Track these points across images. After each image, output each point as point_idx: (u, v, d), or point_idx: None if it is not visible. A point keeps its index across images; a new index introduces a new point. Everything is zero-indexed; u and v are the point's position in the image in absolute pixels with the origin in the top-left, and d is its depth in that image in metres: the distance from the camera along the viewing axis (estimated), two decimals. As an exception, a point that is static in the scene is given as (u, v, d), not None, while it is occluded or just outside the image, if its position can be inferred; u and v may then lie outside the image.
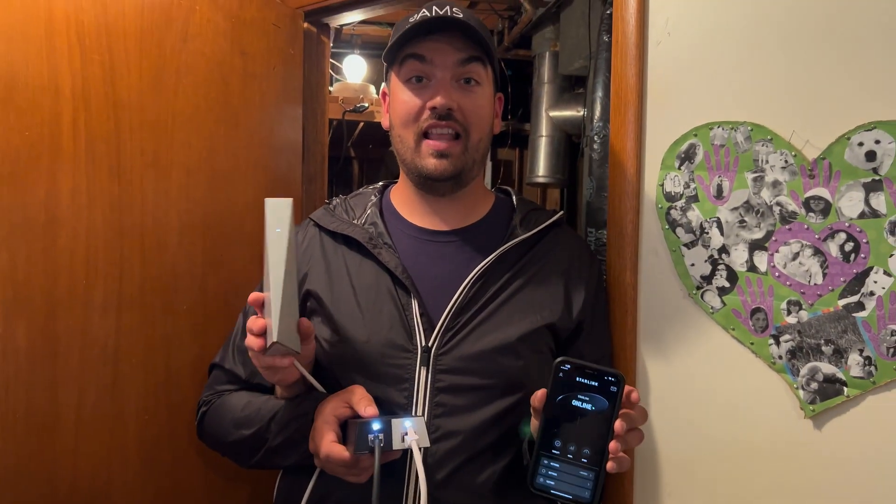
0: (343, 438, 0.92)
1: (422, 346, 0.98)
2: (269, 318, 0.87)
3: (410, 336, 0.99)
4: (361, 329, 1.01)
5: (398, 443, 0.86)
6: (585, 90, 2.00)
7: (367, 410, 0.90)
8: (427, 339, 0.98)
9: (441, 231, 1.08)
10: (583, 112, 2.25)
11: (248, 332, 0.90)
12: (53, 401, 1.15)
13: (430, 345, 0.98)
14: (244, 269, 1.44)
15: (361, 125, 2.91)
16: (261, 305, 0.90)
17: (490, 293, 1.02)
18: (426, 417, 0.96)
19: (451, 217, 1.09)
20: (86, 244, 1.18)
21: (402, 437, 0.87)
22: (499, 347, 0.99)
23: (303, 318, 0.92)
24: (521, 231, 1.06)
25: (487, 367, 0.98)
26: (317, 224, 1.12)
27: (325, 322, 1.04)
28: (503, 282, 1.03)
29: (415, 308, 1.00)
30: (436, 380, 0.97)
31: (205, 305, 1.37)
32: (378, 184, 1.19)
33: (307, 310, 1.07)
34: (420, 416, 0.92)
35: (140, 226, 1.26)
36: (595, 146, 1.37)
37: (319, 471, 0.98)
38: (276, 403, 1.01)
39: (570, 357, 0.83)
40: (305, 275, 1.07)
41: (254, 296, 0.91)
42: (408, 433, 0.87)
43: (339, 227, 1.08)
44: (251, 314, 1.07)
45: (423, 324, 0.99)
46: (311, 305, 1.06)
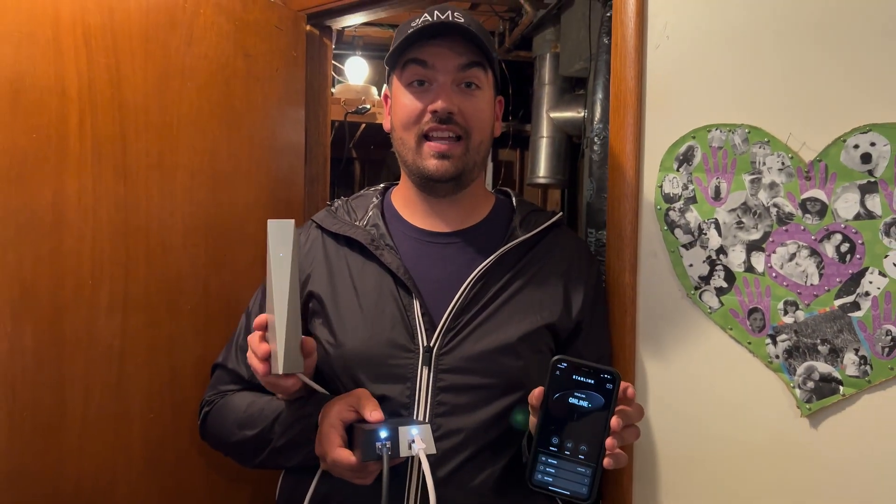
0: (349, 442, 0.92)
1: (423, 346, 0.99)
2: (273, 345, 0.88)
3: (412, 336, 1.00)
4: (363, 329, 1.02)
5: (405, 450, 0.87)
6: (586, 92, 2.01)
7: (373, 415, 0.90)
8: (429, 339, 0.99)
9: (442, 232, 1.09)
10: (583, 113, 2.25)
11: (252, 355, 0.92)
12: (59, 400, 1.16)
13: (432, 345, 0.99)
14: (247, 270, 1.45)
15: (363, 126, 2.92)
16: (264, 328, 0.92)
17: (490, 294, 1.03)
18: (427, 416, 0.97)
19: (452, 218, 1.10)
20: (92, 245, 1.19)
21: (409, 445, 0.87)
22: (499, 347, 0.99)
23: (306, 338, 0.93)
24: (521, 232, 1.07)
25: (488, 367, 0.99)
26: (319, 226, 1.13)
27: (327, 323, 1.05)
28: (503, 282, 1.04)
29: (416, 308, 1.01)
30: (437, 379, 0.98)
31: (208, 306, 1.38)
32: (379, 185, 1.20)
33: (309, 311, 1.07)
34: (426, 423, 0.92)
35: (145, 227, 1.27)
36: (595, 147, 1.38)
37: (322, 471, 0.99)
38: (280, 404, 1.02)
39: (568, 356, 0.84)
40: (308, 276, 1.08)
41: (258, 321, 0.93)
42: (415, 441, 0.88)
43: (341, 229, 1.09)
44: (254, 315, 1.08)
45: (425, 324, 1.00)
46: (314, 307, 1.07)
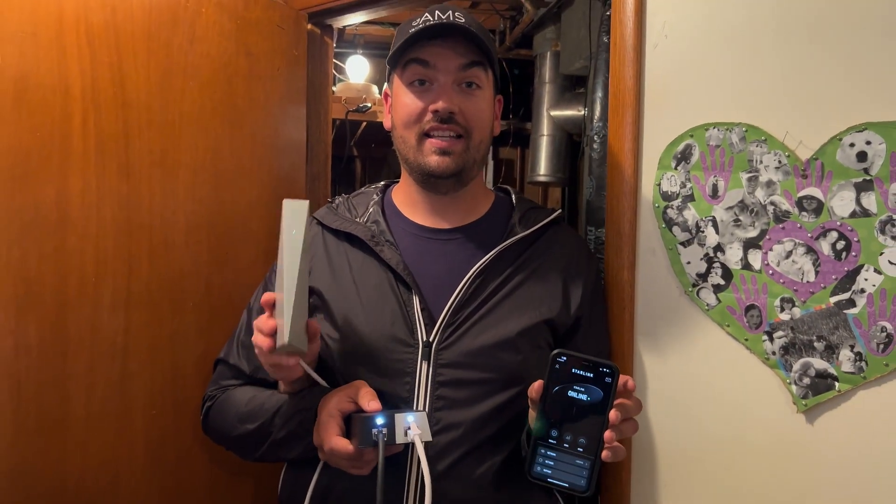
0: (347, 432, 0.94)
1: (423, 341, 1.00)
2: (280, 319, 0.89)
3: (412, 331, 1.01)
4: (364, 324, 1.03)
5: (401, 437, 0.88)
6: (586, 90, 2.01)
7: (371, 405, 0.91)
8: (428, 335, 1.00)
9: (442, 229, 1.10)
10: (583, 112, 2.26)
11: (257, 332, 0.92)
12: (63, 396, 1.17)
13: (432, 340, 1.00)
14: (249, 268, 1.46)
15: (364, 125, 2.92)
16: (271, 306, 0.93)
17: (490, 289, 1.03)
18: (427, 410, 0.98)
19: (452, 215, 1.11)
20: (95, 243, 1.20)
21: (405, 432, 0.89)
22: (499, 342, 1.00)
23: (311, 320, 0.94)
24: (521, 229, 1.08)
25: (487, 362, 1.00)
26: (320, 222, 1.14)
27: (328, 318, 1.06)
28: (503, 278, 1.05)
29: (416, 304, 1.02)
30: (437, 374, 0.99)
31: (210, 303, 1.39)
32: (380, 183, 1.21)
33: (311, 306, 1.08)
34: (422, 411, 0.94)
35: (148, 225, 1.28)
36: (595, 146, 1.38)
37: (323, 464, 1.00)
38: (280, 398, 1.03)
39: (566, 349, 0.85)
40: (309, 272, 1.09)
41: (266, 297, 0.93)
42: (410, 427, 0.89)
43: (342, 225, 1.10)
44: (256, 311, 1.10)
45: (425, 319, 1.01)
46: (314, 302, 1.08)
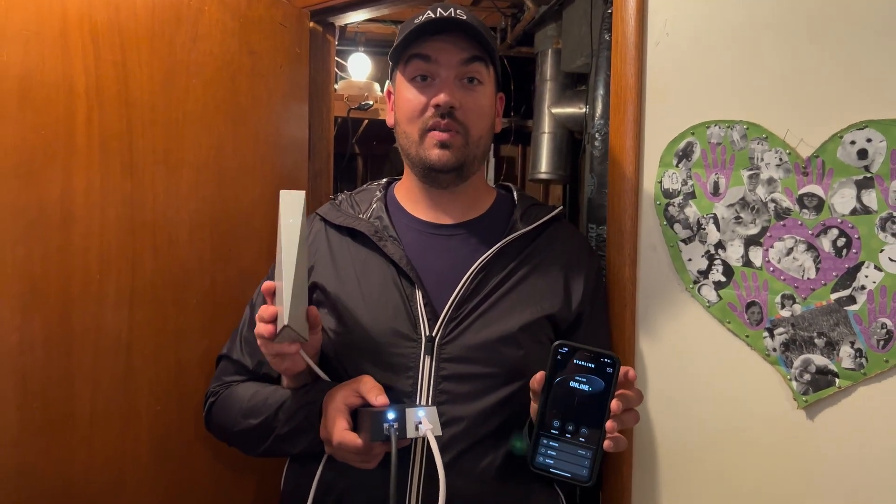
0: (354, 426, 0.94)
1: (426, 336, 1.01)
2: (280, 305, 0.90)
3: (415, 326, 1.02)
4: (367, 319, 1.03)
5: (412, 431, 0.89)
6: (587, 88, 2.02)
7: (379, 399, 0.92)
8: (431, 329, 1.01)
9: (445, 225, 1.11)
10: (585, 109, 2.26)
11: (259, 320, 0.93)
12: (69, 393, 1.18)
13: (434, 334, 1.01)
14: (252, 265, 1.46)
15: (366, 122, 2.92)
16: (272, 294, 0.93)
17: (492, 285, 1.04)
18: (430, 404, 0.98)
19: (455, 211, 1.12)
20: (99, 240, 1.21)
21: (416, 426, 0.89)
22: (501, 337, 1.01)
23: (311, 307, 0.95)
24: (522, 225, 1.09)
25: (490, 356, 1.01)
26: (323, 219, 1.15)
27: (331, 313, 1.06)
28: (505, 274, 1.05)
29: (419, 298, 1.03)
30: (439, 368, 1.00)
31: (214, 300, 1.40)
32: (382, 180, 1.21)
33: (313, 301, 1.09)
34: (432, 406, 0.94)
35: (151, 222, 1.28)
36: (596, 143, 1.39)
37: (327, 458, 1.01)
38: (284, 393, 1.04)
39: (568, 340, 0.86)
40: (312, 267, 1.10)
41: (267, 284, 0.94)
42: (421, 422, 0.89)
43: (346, 221, 1.11)
44: (258, 306, 1.10)
45: (427, 314, 1.02)
46: (318, 297, 1.09)
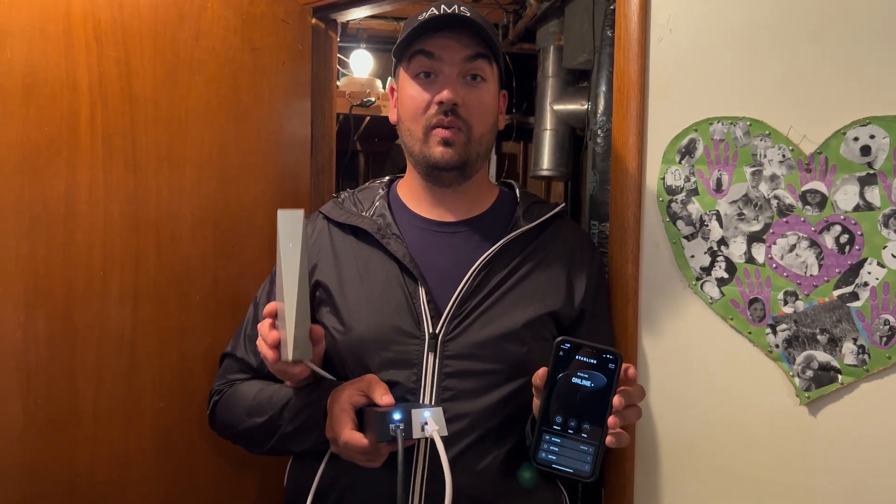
0: (359, 426, 0.94)
1: (429, 333, 1.01)
2: (283, 332, 0.90)
3: (418, 323, 1.02)
4: (370, 316, 1.03)
5: (417, 432, 0.89)
6: (589, 84, 2.02)
7: (384, 399, 0.92)
8: (434, 326, 1.01)
9: (447, 222, 1.11)
10: (587, 106, 2.26)
11: (262, 343, 0.94)
12: (72, 390, 1.18)
13: (437, 331, 1.01)
14: (254, 262, 1.46)
15: (368, 119, 2.92)
16: (275, 315, 0.94)
17: (495, 281, 1.04)
18: (433, 401, 0.99)
19: (457, 208, 1.12)
20: (103, 237, 1.21)
21: (422, 427, 0.89)
22: (504, 334, 1.01)
23: (314, 326, 0.95)
24: (524, 222, 1.09)
25: (493, 353, 1.01)
26: (326, 217, 1.15)
27: (334, 311, 1.07)
28: (508, 271, 1.05)
29: (422, 296, 1.03)
30: (443, 365, 1.00)
31: (217, 297, 1.40)
32: (384, 178, 1.22)
33: (316, 300, 1.09)
34: (438, 407, 0.94)
35: (154, 219, 1.29)
36: (598, 140, 1.39)
37: (329, 456, 1.01)
38: (288, 391, 1.04)
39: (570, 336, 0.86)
40: (315, 266, 1.10)
41: (269, 307, 0.94)
42: (427, 423, 0.89)
43: (349, 219, 1.11)
44: (262, 305, 1.10)
45: (431, 311, 1.02)
46: (321, 295, 1.09)
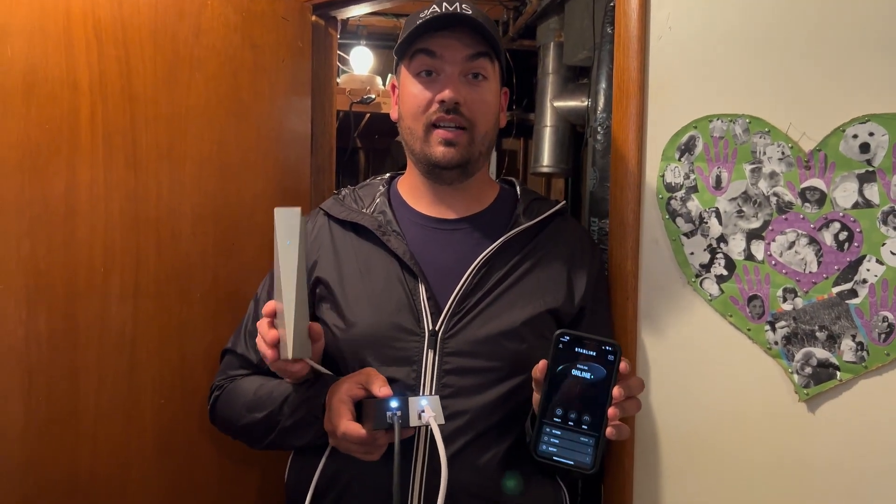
0: (357, 418, 0.95)
1: (429, 330, 1.01)
2: (282, 330, 0.91)
3: (418, 320, 1.02)
4: (370, 313, 1.04)
5: (415, 420, 0.89)
6: (589, 81, 2.02)
7: (382, 390, 0.93)
8: (434, 323, 1.02)
9: (448, 219, 1.11)
10: (587, 103, 2.26)
11: (261, 342, 0.95)
12: (74, 387, 1.19)
13: (437, 328, 1.01)
14: (255, 259, 1.46)
15: (368, 116, 2.92)
16: (274, 314, 0.94)
17: (495, 279, 1.05)
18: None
19: (458, 206, 1.12)
20: (103, 234, 1.21)
21: (419, 415, 0.89)
22: (504, 331, 1.01)
23: (313, 324, 0.96)
24: (525, 220, 1.09)
25: (493, 350, 1.01)
26: (326, 213, 1.15)
27: (334, 308, 1.07)
28: (508, 268, 1.06)
29: (422, 293, 1.03)
30: (443, 362, 1.00)
31: (217, 294, 1.40)
32: (385, 175, 1.22)
33: (317, 296, 1.10)
34: (435, 396, 0.95)
35: (155, 217, 1.29)
36: (598, 137, 1.39)
37: (330, 450, 1.02)
38: (288, 387, 1.04)
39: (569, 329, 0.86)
40: (315, 262, 1.10)
41: (268, 307, 0.95)
42: (424, 411, 0.90)
43: (349, 216, 1.11)
44: (262, 301, 1.11)
45: (431, 308, 1.02)
46: (321, 292, 1.09)
